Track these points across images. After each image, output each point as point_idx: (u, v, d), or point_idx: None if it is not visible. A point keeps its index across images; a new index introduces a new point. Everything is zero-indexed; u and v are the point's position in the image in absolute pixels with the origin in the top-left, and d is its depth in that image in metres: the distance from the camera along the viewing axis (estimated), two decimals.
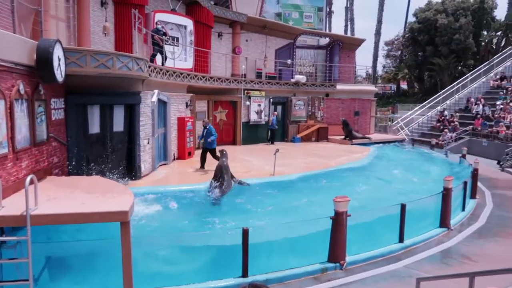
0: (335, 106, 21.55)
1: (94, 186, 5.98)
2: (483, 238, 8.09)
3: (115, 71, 8.60)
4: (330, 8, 42.05)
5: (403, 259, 6.91)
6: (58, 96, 8.04)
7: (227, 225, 7.72)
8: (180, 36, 15.86)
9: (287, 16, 27.85)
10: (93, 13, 11.70)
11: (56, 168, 7.90)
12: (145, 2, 13.57)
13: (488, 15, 35.32)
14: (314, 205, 9.09)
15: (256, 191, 10.16)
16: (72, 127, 8.56)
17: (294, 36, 22.18)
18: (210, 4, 17.76)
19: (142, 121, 10.43)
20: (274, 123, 18.45)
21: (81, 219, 4.59)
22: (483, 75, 27.34)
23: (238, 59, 19.41)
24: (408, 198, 8.37)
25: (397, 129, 25.16)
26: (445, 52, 33.68)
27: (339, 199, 6.31)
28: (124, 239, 4.45)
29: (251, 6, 21.44)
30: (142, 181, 10.13)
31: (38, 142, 6.86)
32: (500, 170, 15.99)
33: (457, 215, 9.32)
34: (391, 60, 45.12)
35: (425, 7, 36.42)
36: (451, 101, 26.52)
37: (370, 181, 12.31)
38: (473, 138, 20.62)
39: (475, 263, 6.79)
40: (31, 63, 6.46)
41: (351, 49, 24.76)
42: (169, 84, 12.88)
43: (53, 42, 6.64)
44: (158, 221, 7.79)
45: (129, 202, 4.79)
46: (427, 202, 8.30)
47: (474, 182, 11.31)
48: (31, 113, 6.55)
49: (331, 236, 6.38)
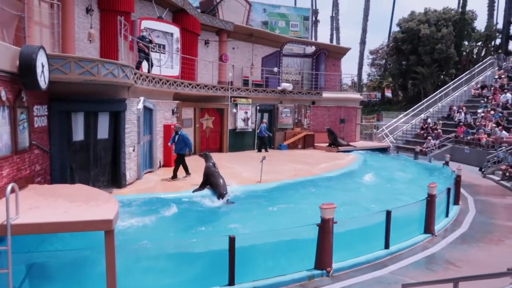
0: (321, 114, 21.73)
1: (77, 194, 5.89)
2: (466, 244, 8.21)
3: (100, 78, 8.52)
4: (316, 17, 42.65)
5: (389, 265, 6.96)
6: (41, 103, 7.92)
7: (213, 233, 7.66)
8: (166, 43, 15.83)
9: (273, 25, 28.10)
10: (78, 20, 11.60)
11: (39, 176, 7.76)
12: (131, 9, 13.53)
13: (469, 25, 36.25)
14: (300, 212, 9.10)
15: (243, 198, 10.13)
16: (55, 135, 8.42)
17: (281, 44, 22.36)
18: (197, 12, 17.81)
19: (128, 128, 10.33)
20: (263, 130, 18.31)
21: (64, 228, 4.51)
22: (464, 84, 27.97)
23: (225, 66, 19.46)
24: (394, 204, 8.46)
25: (382, 137, 25.47)
26: (428, 61, 34.38)
27: (325, 206, 6.33)
28: (108, 249, 4.38)
29: (238, 15, 21.57)
30: (127, 189, 10.00)
31: (20, 150, 6.73)
32: (482, 176, 16.30)
33: (441, 221, 9.44)
34: (376, 68, 45.81)
35: (409, 17, 37.20)
36: (434, 109, 27.02)
37: (356, 187, 12.42)
38: (455, 145, 21.01)
39: (459, 268, 6.87)
40: (14, 70, 6.36)
41: (337, 58, 25.07)
42: (155, 91, 12.81)
43: (37, 49, 6.55)
44: (143, 230, 7.68)
45: (114, 210, 4.73)
46: (412, 208, 8.39)
47: (457, 188, 11.50)
48: (13, 120, 6.43)
49: (317, 243, 6.39)
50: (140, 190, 10.02)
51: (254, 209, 9.38)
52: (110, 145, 9.78)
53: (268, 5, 28.62)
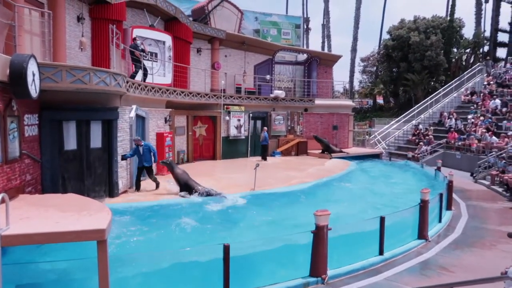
0: (314, 121, 21.81)
1: (69, 204, 5.81)
2: (459, 249, 8.24)
3: (92, 86, 8.48)
4: (308, 25, 42.96)
5: (384, 271, 6.95)
6: (32, 112, 7.85)
7: (207, 241, 7.60)
8: (158, 51, 15.83)
9: (265, 33, 28.27)
10: (69, 28, 11.56)
11: (29, 186, 7.65)
12: (123, 17, 13.52)
13: (457, 33, 36.82)
14: (295, 219, 9.09)
15: (237, 205, 10.09)
16: (46, 144, 8.34)
17: (273, 52, 22.48)
18: (189, 20, 17.86)
19: (120, 136, 10.27)
20: (266, 138, 18.10)
21: (55, 238, 4.44)
22: (454, 90, 28.32)
23: (217, 74, 19.49)
24: (388, 210, 8.49)
25: (375, 143, 25.61)
26: (418, 68, 34.78)
27: (319, 212, 6.32)
28: (101, 259, 4.31)
29: (230, 23, 21.67)
30: (119, 198, 9.92)
31: (10, 160, 6.65)
32: (473, 181, 16.43)
33: (434, 226, 9.48)
34: (367, 75, 46.21)
35: (398, 25, 37.67)
36: (425, 115, 27.28)
37: (351, 193, 12.45)
38: (447, 151, 21.18)
39: (452, 273, 6.89)
40: (4, 79, 6.30)
41: (328, 65, 25.25)
42: (147, 100, 12.77)
43: (27, 57, 6.51)
44: (136, 239, 7.60)
45: (107, 219, 4.67)
46: (405, 214, 8.42)
47: (450, 194, 11.57)
48: (2, 130, 6.35)
49: (312, 250, 6.37)
50: (132, 199, 9.93)
51: (248, 216, 9.36)
52: (102, 154, 9.69)
53: (260, 13, 28.83)
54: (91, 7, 12.68)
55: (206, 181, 12.33)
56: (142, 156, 10.76)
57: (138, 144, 10.74)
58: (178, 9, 16.65)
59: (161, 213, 9.11)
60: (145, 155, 10.77)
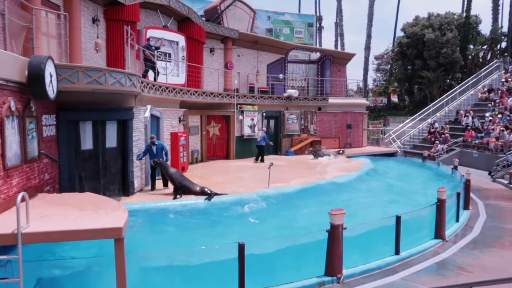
0: (328, 120, 21.70)
1: (86, 202, 5.90)
2: (478, 249, 8.09)
3: (108, 87, 8.58)
4: (320, 24, 42.78)
5: (400, 271, 6.87)
6: (50, 112, 7.99)
7: (222, 239, 7.63)
8: (172, 52, 15.94)
9: (278, 32, 28.19)
10: (84, 30, 11.72)
11: (48, 185, 7.79)
12: (137, 19, 13.65)
13: (474, 29, 36.15)
14: (310, 217, 9.06)
15: (252, 204, 10.09)
16: (63, 144, 8.48)
17: (286, 51, 22.42)
18: (202, 21, 17.94)
19: (135, 136, 10.37)
20: (264, 138, 17.06)
21: (74, 236, 4.51)
22: (471, 87, 27.80)
23: (230, 74, 19.53)
24: (404, 209, 8.39)
25: (389, 142, 25.33)
26: (433, 66, 34.27)
27: (334, 212, 6.29)
28: (118, 257, 4.37)
29: (243, 22, 21.68)
30: (135, 197, 10.02)
31: (29, 159, 6.78)
32: (491, 180, 16.12)
33: (451, 226, 9.33)
34: (381, 73, 45.75)
35: (413, 22, 37.17)
36: (441, 113, 26.86)
37: (366, 191, 12.35)
38: (464, 150, 20.82)
39: (471, 274, 6.77)
40: (23, 80, 6.42)
41: (342, 64, 25.07)
42: (161, 100, 12.88)
43: (45, 59, 6.62)
44: (151, 237, 7.68)
45: (123, 218, 4.72)
46: (422, 213, 8.31)
47: (467, 193, 11.37)
48: (22, 130, 6.48)
49: (327, 250, 6.34)
50: (148, 198, 10.03)
51: (263, 215, 9.36)
52: (118, 153, 9.82)
53: (273, 13, 28.75)
54: (105, 8, 12.84)
55: (220, 179, 12.39)
56: (156, 154, 10.79)
57: (153, 142, 10.80)
58: (191, 9, 16.74)
59: (178, 213, 9.16)
60: (158, 154, 10.82)
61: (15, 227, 4.13)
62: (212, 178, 12.61)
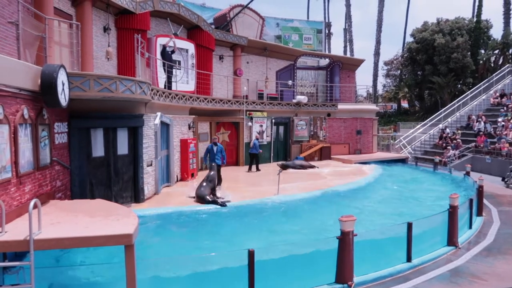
0: (337, 126, 21.62)
1: (97, 209, 5.95)
2: (492, 256, 7.93)
3: (119, 95, 8.68)
4: (329, 30, 42.83)
5: (412, 278, 6.77)
6: (62, 120, 8.10)
7: (231, 246, 7.61)
8: (182, 59, 16.09)
9: (287, 38, 28.26)
10: (96, 39, 11.90)
11: (59, 192, 7.88)
12: (147, 27, 13.83)
13: (484, 34, 35.83)
14: (319, 224, 9.00)
15: (261, 211, 10.08)
16: (75, 151, 8.58)
17: (295, 57, 22.47)
18: (211, 28, 18.08)
19: (145, 143, 10.45)
20: (256, 146, 16.39)
21: (85, 243, 4.55)
22: (483, 92, 27.52)
23: (240, 80, 19.62)
24: (415, 215, 8.29)
25: (400, 148, 25.12)
26: (444, 71, 34.01)
27: (345, 218, 6.23)
28: (128, 263, 4.38)
29: (252, 30, 21.82)
30: (145, 204, 10.07)
31: (42, 166, 6.86)
32: (505, 186, 15.87)
33: (464, 233, 9.18)
34: (391, 79, 45.53)
35: (422, 28, 36.99)
36: (452, 119, 26.60)
37: (376, 198, 12.24)
38: (476, 155, 20.55)
39: (485, 282, 6.64)
40: (35, 88, 6.53)
41: (351, 69, 25.02)
42: (171, 107, 12.98)
43: (57, 67, 6.72)
44: (161, 244, 7.70)
45: (134, 224, 4.75)
46: (434, 220, 8.19)
47: (480, 199, 11.18)
48: (34, 138, 6.57)
49: (338, 256, 6.27)
50: (158, 204, 10.07)
51: (271, 221, 9.33)
52: (128, 160, 9.89)
53: (281, 19, 28.84)
54: (116, 17, 13.04)
55: (230, 186, 12.41)
56: (216, 154, 12.35)
57: (215, 142, 12.66)
58: (201, 17, 16.90)
59: (188, 219, 9.19)
60: (217, 154, 12.41)
61: (27, 234, 4.18)
62: (222, 184, 12.64)
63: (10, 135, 5.69)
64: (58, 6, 10.38)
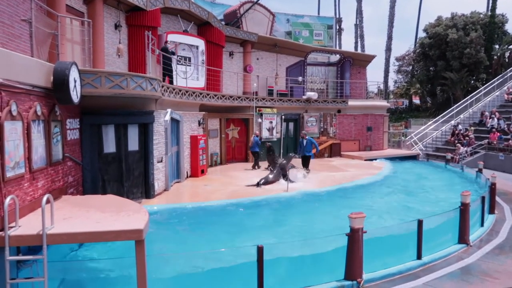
0: (348, 122, 21.49)
1: (108, 204, 6.02)
2: (504, 254, 7.84)
3: (130, 91, 8.75)
4: (340, 26, 42.41)
5: (422, 276, 6.73)
6: (73, 116, 8.20)
7: (241, 243, 7.64)
8: (192, 56, 16.14)
9: (297, 35, 28.15)
10: (107, 36, 12.01)
11: (71, 187, 7.99)
12: (158, 24, 13.90)
13: (499, 29, 35.17)
14: (327, 220, 8.98)
15: (271, 207, 10.10)
16: (87, 147, 8.68)
17: (305, 53, 22.37)
18: (221, 25, 18.10)
19: (156, 140, 10.53)
20: (255, 143, 16.07)
21: (96, 237, 4.62)
22: (496, 88, 27.05)
23: (249, 77, 19.62)
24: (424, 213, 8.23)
25: (411, 144, 24.88)
26: (456, 67, 33.49)
27: (354, 215, 6.22)
28: (139, 258, 4.44)
29: (262, 26, 21.78)
30: (156, 200, 10.17)
31: (54, 162, 6.96)
32: None
33: (475, 230, 9.08)
34: (403, 75, 44.98)
35: (435, 23, 36.45)
36: (465, 115, 26.23)
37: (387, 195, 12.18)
38: (489, 152, 20.25)
39: (497, 280, 6.57)
40: (48, 85, 6.62)
41: (362, 65, 24.82)
42: (181, 103, 13.04)
43: (69, 65, 6.80)
44: (171, 240, 7.77)
45: (144, 220, 4.80)
46: (445, 217, 8.12)
47: (492, 196, 11.04)
48: (47, 134, 6.67)
49: (347, 253, 6.27)
50: (168, 200, 10.18)
51: (281, 218, 9.34)
52: (139, 156, 9.99)
53: (292, 15, 28.74)
54: (127, 15, 13.13)
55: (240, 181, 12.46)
56: (305, 147, 13.74)
57: (303, 137, 14.21)
58: (211, 13, 16.92)
59: (198, 215, 9.26)
60: (307, 146, 13.69)
61: (40, 228, 4.26)
62: (232, 180, 12.69)
63: (24, 131, 5.78)
64: (70, 4, 10.50)
